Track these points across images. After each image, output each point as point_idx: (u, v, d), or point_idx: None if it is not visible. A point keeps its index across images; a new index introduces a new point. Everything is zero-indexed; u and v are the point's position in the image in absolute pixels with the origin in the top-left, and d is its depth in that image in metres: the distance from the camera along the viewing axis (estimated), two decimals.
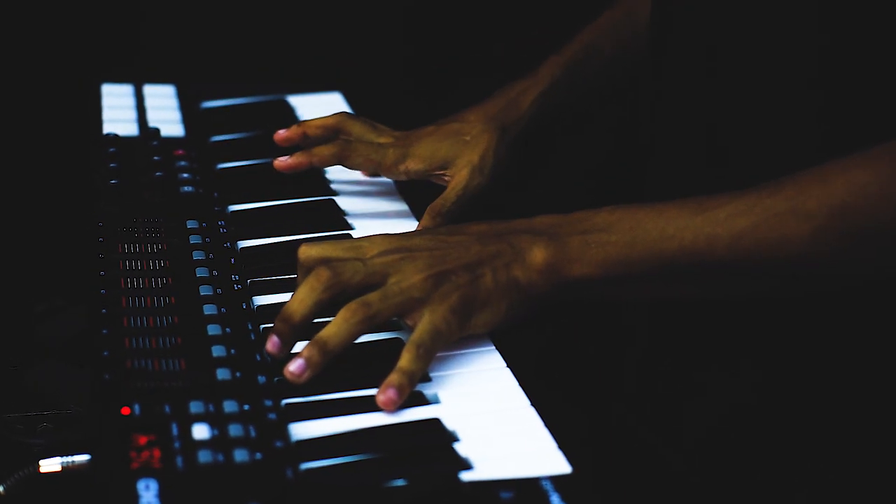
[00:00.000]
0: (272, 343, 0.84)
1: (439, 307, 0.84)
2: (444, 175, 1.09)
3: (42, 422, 0.90)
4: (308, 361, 0.82)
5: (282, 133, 1.14)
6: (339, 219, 1.08)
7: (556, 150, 1.22)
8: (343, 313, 0.83)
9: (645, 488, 0.96)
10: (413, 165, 1.09)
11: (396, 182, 1.15)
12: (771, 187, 0.83)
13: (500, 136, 1.10)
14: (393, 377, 0.81)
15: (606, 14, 1.18)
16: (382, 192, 1.14)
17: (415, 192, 1.14)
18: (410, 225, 1.08)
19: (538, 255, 0.85)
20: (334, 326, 0.82)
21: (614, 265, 0.85)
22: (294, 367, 0.82)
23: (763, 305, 0.92)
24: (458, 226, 0.91)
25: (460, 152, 1.09)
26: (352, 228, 1.07)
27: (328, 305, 0.84)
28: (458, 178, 1.08)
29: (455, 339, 0.85)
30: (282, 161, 1.11)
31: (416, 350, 0.82)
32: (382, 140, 1.11)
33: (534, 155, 1.16)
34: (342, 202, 1.11)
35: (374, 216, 1.09)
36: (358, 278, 0.84)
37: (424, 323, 0.83)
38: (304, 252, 0.87)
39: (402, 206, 1.12)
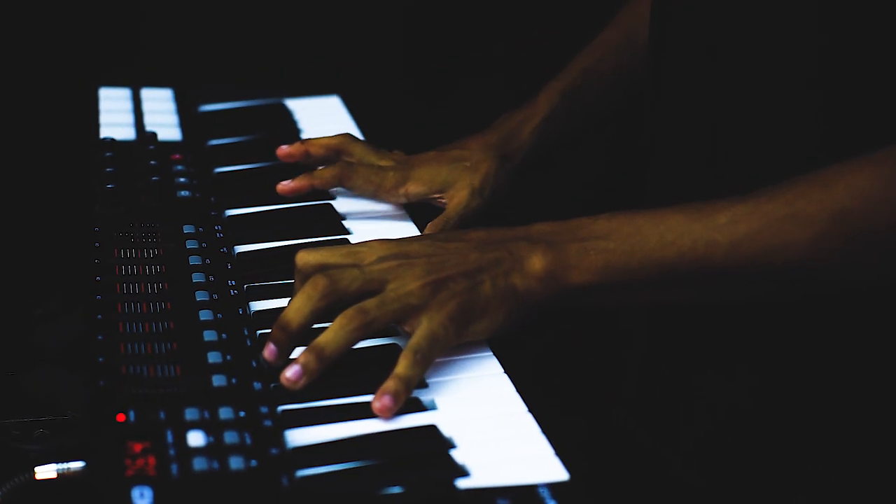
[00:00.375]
0: (269, 351, 0.84)
1: (437, 314, 0.83)
2: (441, 198, 1.10)
3: (38, 428, 0.89)
4: (304, 368, 0.82)
5: (284, 149, 1.14)
6: (336, 223, 1.07)
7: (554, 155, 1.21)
8: (340, 320, 0.82)
9: (642, 494, 0.95)
10: (413, 189, 1.10)
11: None
12: (771, 192, 0.82)
13: (501, 165, 1.11)
14: (389, 383, 0.80)
15: (604, 36, 1.18)
16: None
17: None
18: (408, 229, 1.08)
19: (537, 262, 0.85)
20: (331, 333, 0.82)
21: (613, 272, 0.84)
22: (290, 373, 0.82)
23: (759, 310, 0.91)
24: (456, 232, 0.91)
25: (460, 176, 1.09)
26: (349, 233, 1.06)
27: (325, 313, 0.84)
28: (458, 199, 1.08)
29: (452, 346, 0.85)
30: (285, 185, 1.11)
31: (413, 356, 0.82)
32: (383, 163, 1.11)
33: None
34: (340, 206, 1.11)
35: (371, 220, 1.09)
36: (355, 286, 0.84)
37: (422, 329, 0.83)
38: (302, 259, 0.87)
39: (399, 210, 1.11)
